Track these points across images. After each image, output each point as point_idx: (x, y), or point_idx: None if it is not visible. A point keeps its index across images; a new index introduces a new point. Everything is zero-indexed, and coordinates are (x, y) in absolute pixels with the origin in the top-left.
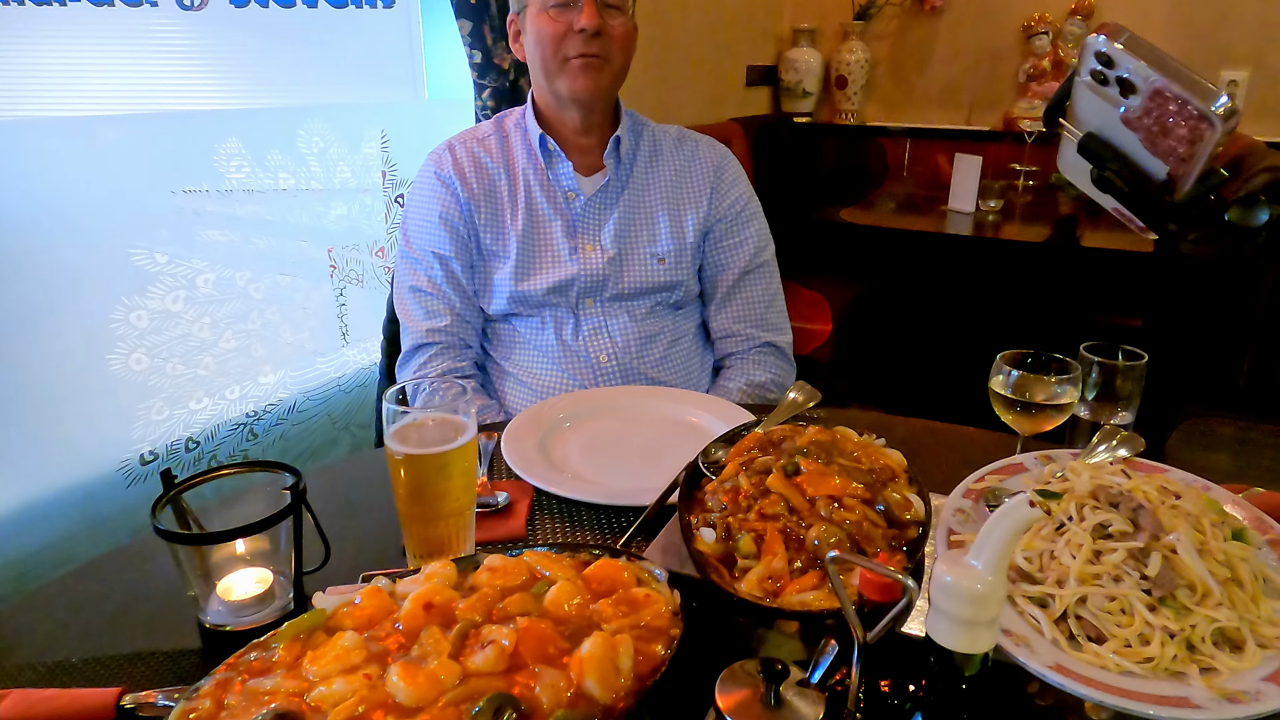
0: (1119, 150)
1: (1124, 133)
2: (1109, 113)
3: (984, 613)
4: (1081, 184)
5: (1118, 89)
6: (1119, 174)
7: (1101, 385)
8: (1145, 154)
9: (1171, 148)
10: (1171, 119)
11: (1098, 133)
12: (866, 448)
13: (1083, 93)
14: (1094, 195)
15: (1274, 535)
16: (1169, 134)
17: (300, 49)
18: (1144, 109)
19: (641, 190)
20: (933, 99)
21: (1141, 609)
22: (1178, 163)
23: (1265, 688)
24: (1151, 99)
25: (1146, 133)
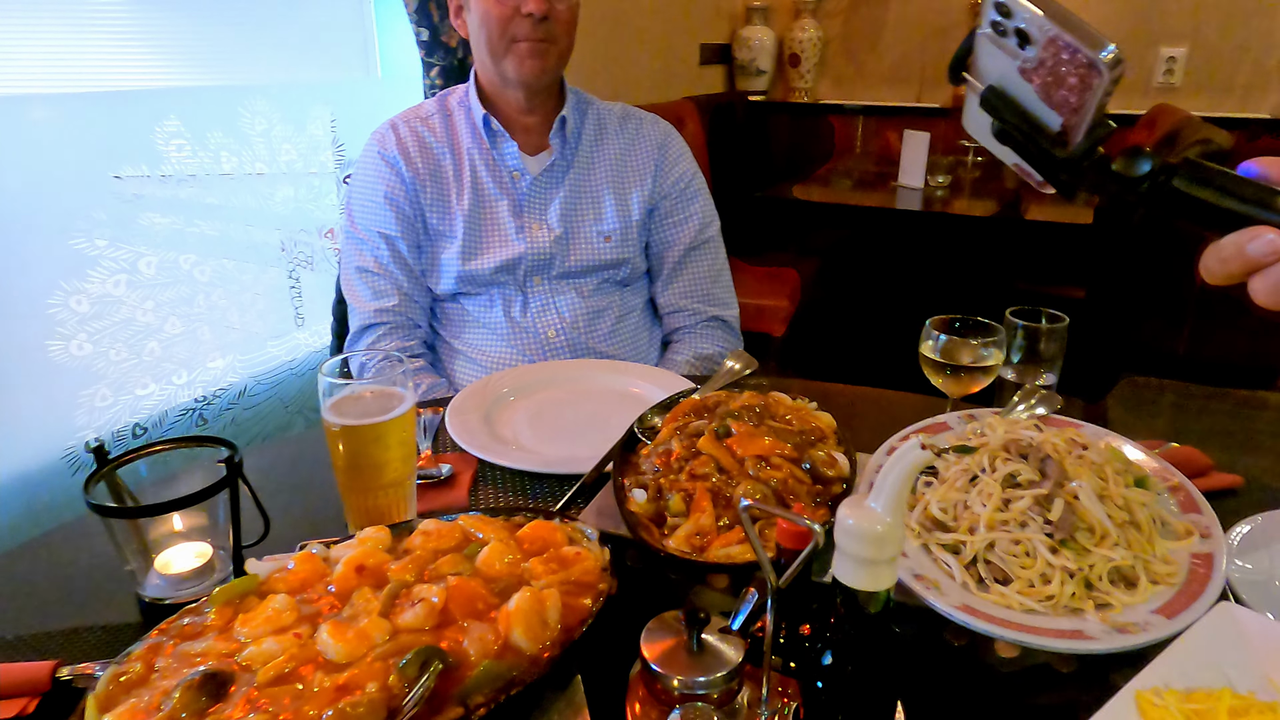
0: (1017, 103)
1: (1022, 85)
2: (1008, 65)
3: (883, 552)
4: (983, 139)
5: (1016, 40)
6: (1017, 128)
7: (1026, 348)
8: (1041, 106)
9: (1064, 98)
10: (1064, 69)
11: (999, 86)
12: (798, 411)
13: (984, 45)
14: (995, 150)
15: (1175, 483)
16: (1062, 84)
17: (245, 26)
18: (1039, 60)
19: (587, 169)
20: (884, 76)
21: (1044, 551)
22: (1070, 113)
23: (1154, 619)
24: (1046, 49)
25: (1042, 84)
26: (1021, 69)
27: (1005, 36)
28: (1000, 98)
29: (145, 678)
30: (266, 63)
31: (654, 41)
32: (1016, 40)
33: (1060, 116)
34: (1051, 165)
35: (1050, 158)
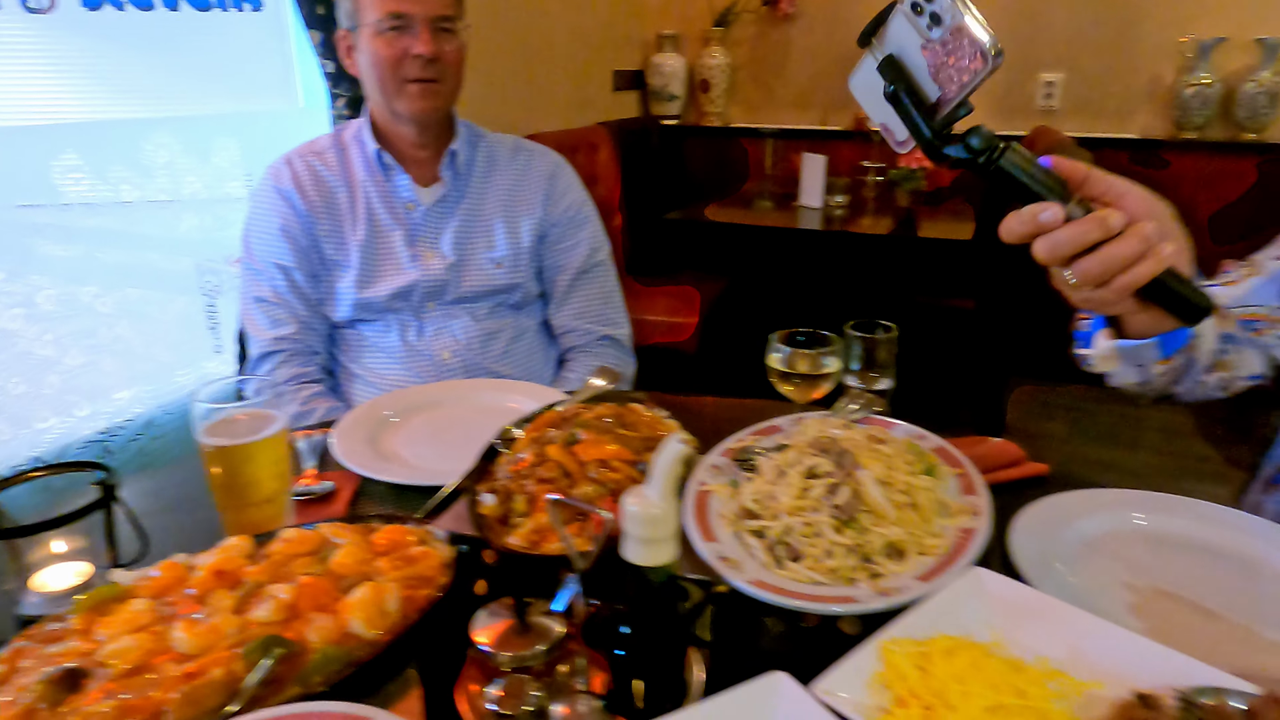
0: (909, 73)
1: (918, 58)
2: (912, 39)
3: (660, 531)
4: (863, 98)
5: (928, 20)
6: (906, 92)
7: (865, 356)
8: (927, 79)
9: (950, 75)
10: (959, 52)
11: (897, 56)
12: (650, 420)
13: (899, 20)
14: (869, 109)
15: (961, 470)
16: (952, 63)
17: (160, 55)
18: (941, 40)
19: (479, 199)
20: (791, 101)
21: (828, 531)
22: (951, 87)
23: (913, 584)
24: (951, 32)
25: (936, 61)
26: (923, 45)
27: (920, 15)
28: (896, 65)
29: (7, 677)
30: (183, 93)
31: (568, 69)
32: (929, 20)
33: (939, 90)
34: (918, 129)
35: (920, 123)
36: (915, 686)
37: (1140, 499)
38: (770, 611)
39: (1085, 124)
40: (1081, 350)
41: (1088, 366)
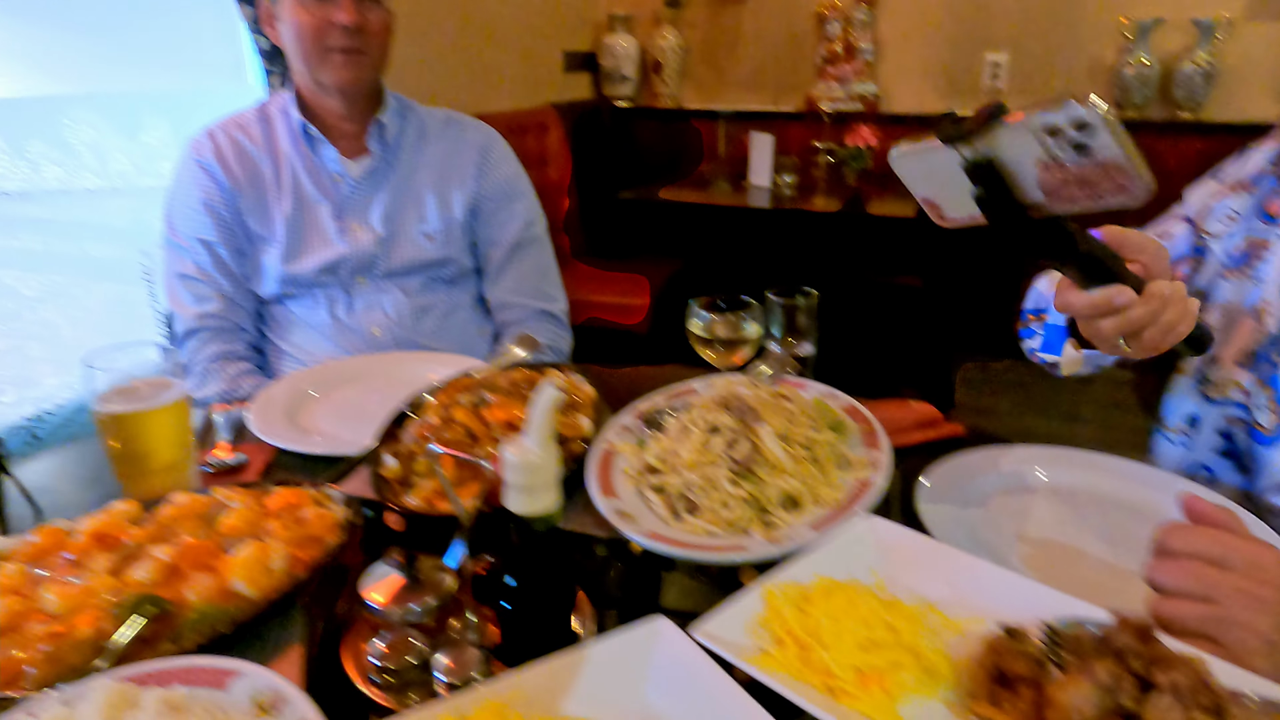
0: (1010, 178)
1: (1029, 169)
2: (1031, 153)
3: (538, 478)
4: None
5: (1070, 148)
6: (1004, 199)
7: (786, 321)
8: (1033, 186)
9: (1073, 195)
10: (1098, 181)
11: (1002, 162)
12: (564, 385)
13: (1018, 134)
14: (914, 185)
15: (867, 426)
16: (1083, 190)
17: (92, 33)
18: (1076, 165)
19: (409, 171)
20: (743, 82)
21: (725, 483)
22: (1065, 204)
23: (805, 532)
24: (1096, 165)
25: (1056, 177)
26: (1044, 162)
27: (1056, 137)
28: (997, 172)
29: None
30: (111, 71)
31: (516, 49)
32: (1069, 148)
33: (1043, 198)
34: (1013, 226)
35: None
36: (792, 626)
37: (1044, 455)
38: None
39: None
40: (1041, 354)
41: (1048, 368)
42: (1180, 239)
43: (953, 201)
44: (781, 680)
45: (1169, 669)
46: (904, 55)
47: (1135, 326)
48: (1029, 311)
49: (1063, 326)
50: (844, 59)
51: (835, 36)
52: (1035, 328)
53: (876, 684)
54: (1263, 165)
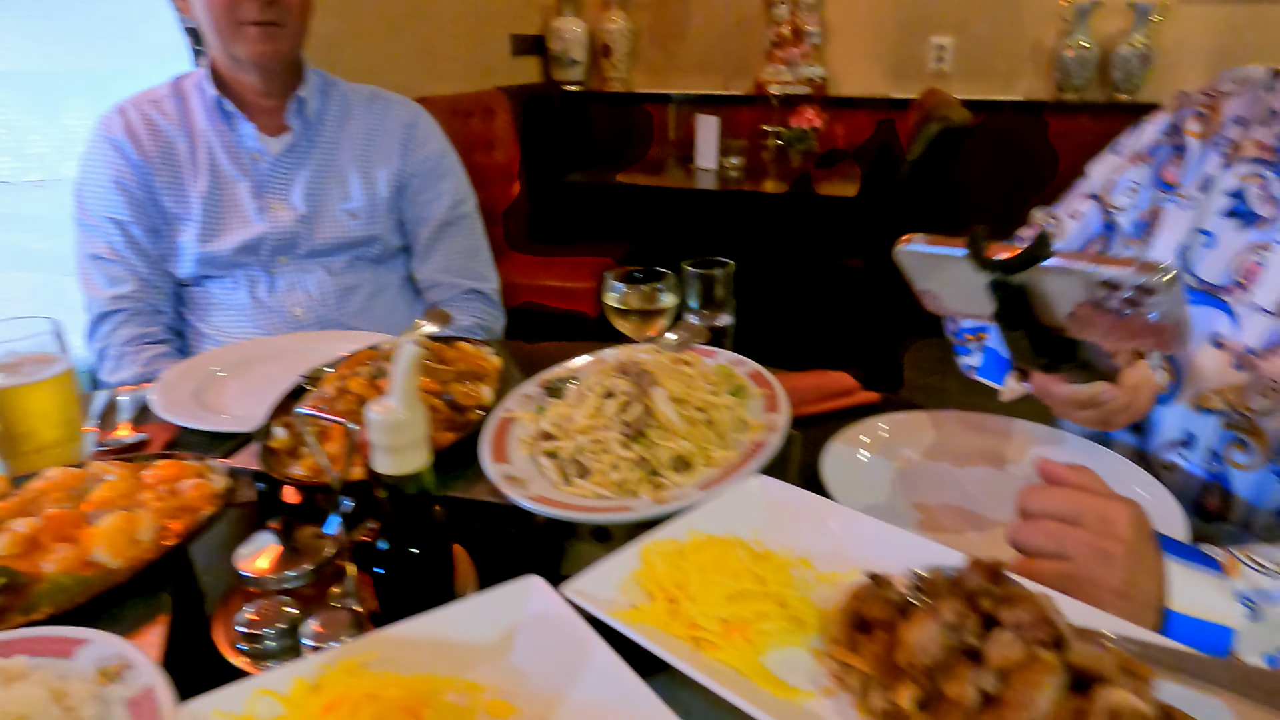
0: (1039, 302)
1: (1064, 304)
2: (1073, 293)
3: (404, 437)
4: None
5: (1122, 301)
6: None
7: (703, 293)
8: (1062, 315)
9: (1099, 332)
10: (1136, 328)
11: (1034, 290)
12: (471, 356)
13: (1068, 277)
14: (917, 278)
15: (768, 393)
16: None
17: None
18: (1118, 312)
19: (332, 148)
20: (693, 66)
21: (615, 446)
22: (1088, 333)
23: (693, 492)
24: (1145, 321)
25: (1090, 316)
26: (1083, 303)
27: (1111, 290)
28: (1024, 299)
29: None
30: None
31: (462, 32)
32: (1124, 301)
33: (1068, 324)
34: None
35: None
36: (663, 581)
37: (950, 418)
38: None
39: (974, 86)
40: (980, 377)
41: (991, 389)
42: (1091, 217)
43: (959, 301)
44: (647, 633)
45: (1014, 607)
46: (851, 39)
47: (1108, 416)
48: (967, 331)
49: (1005, 360)
50: (792, 42)
51: (783, 20)
52: (973, 348)
53: (740, 634)
54: (1157, 136)
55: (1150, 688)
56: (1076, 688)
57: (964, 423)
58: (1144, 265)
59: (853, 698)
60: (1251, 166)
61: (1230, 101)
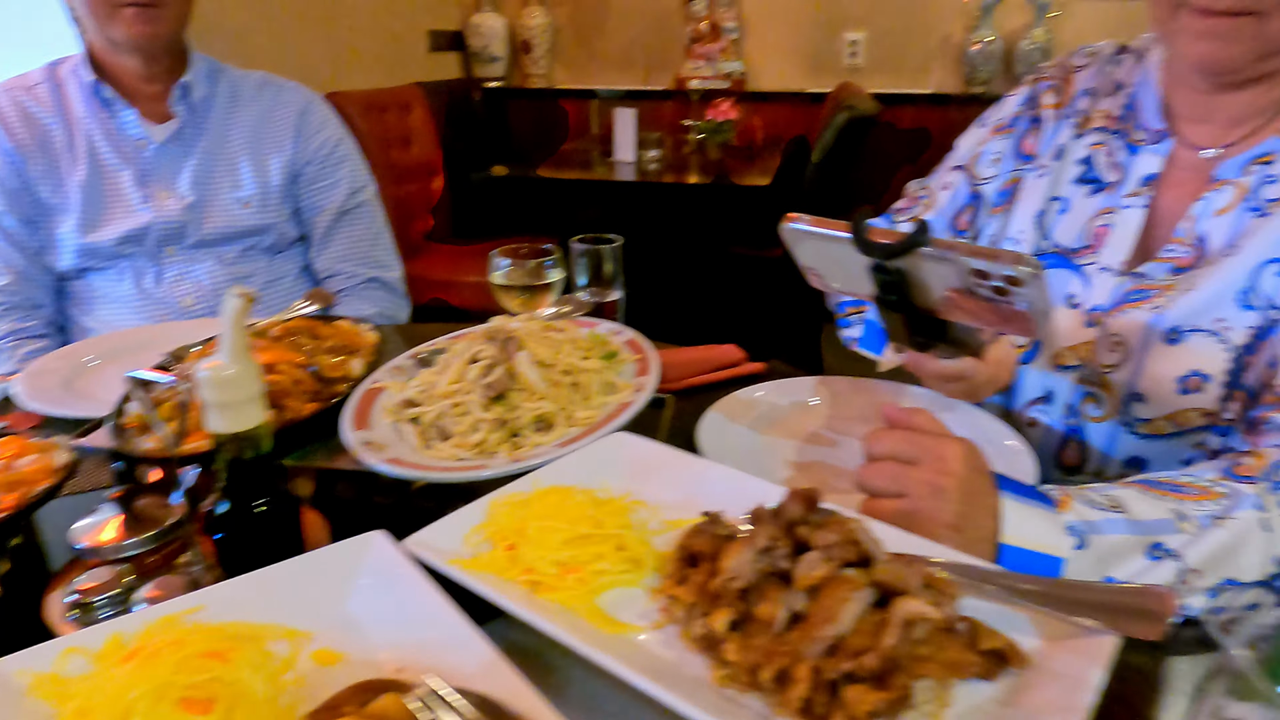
0: (915, 285)
1: (938, 289)
2: (945, 279)
3: (238, 393)
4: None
5: (990, 290)
6: (905, 308)
7: (592, 269)
8: (935, 297)
9: (968, 315)
10: (1007, 317)
11: (911, 275)
12: (347, 332)
13: (944, 264)
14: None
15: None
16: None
17: None
18: (990, 300)
19: (221, 135)
20: (614, 62)
21: (475, 409)
22: (956, 315)
23: (551, 450)
24: (1009, 308)
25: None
26: (956, 289)
27: (981, 279)
28: (904, 284)
29: None
30: None
31: (376, 28)
32: (992, 290)
33: (940, 306)
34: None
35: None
36: (504, 529)
37: (819, 382)
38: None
39: (887, 80)
40: (861, 348)
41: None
42: (960, 188)
43: (840, 279)
44: (484, 580)
45: (825, 531)
46: (768, 34)
47: (974, 389)
48: (847, 304)
49: (883, 331)
50: (710, 38)
51: (700, 16)
52: (854, 320)
53: (575, 576)
54: (1016, 109)
55: (951, 601)
56: (883, 604)
57: (846, 387)
58: (1014, 258)
59: (678, 628)
60: (1099, 135)
61: (1080, 75)
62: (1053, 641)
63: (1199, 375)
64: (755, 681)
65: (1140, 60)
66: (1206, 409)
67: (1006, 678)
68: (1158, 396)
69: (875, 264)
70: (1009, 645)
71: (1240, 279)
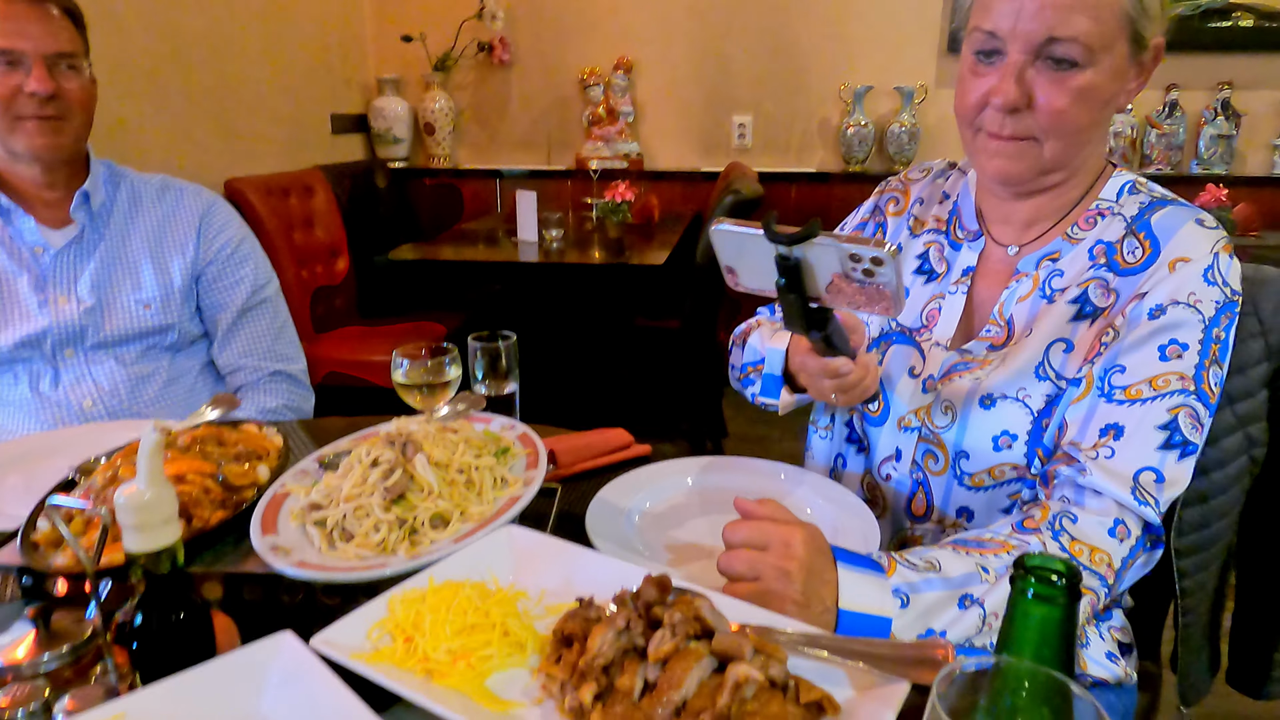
0: (807, 272)
1: (825, 275)
2: (832, 265)
3: (150, 516)
4: (725, 247)
5: (861, 272)
6: (799, 294)
7: (489, 363)
8: (819, 286)
9: (846, 299)
10: (872, 296)
11: (807, 264)
12: (253, 438)
13: (830, 251)
14: (723, 254)
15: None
16: (857, 296)
17: None
18: (860, 282)
19: (121, 240)
20: (516, 142)
21: (377, 510)
22: (840, 303)
23: (447, 546)
24: (875, 288)
25: (842, 285)
26: (839, 274)
27: (855, 262)
28: (799, 272)
29: None
30: None
31: (278, 113)
32: (861, 270)
33: (825, 293)
34: (797, 321)
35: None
36: (402, 623)
37: (697, 463)
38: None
39: (773, 160)
40: (762, 398)
41: (765, 408)
42: None
43: (752, 275)
44: (384, 670)
45: (674, 609)
46: (661, 117)
47: (848, 387)
48: (748, 364)
49: (778, 376)
50: (607, 120)
51: (598, 100)
52: (754, 377)
53: (465, 662)
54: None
55: (778, 663)
56: (721, 669)
57: (722, 465)
58: (876, 243)
59: (555, 702)
60: (931, 235)
61: (915, 186)
62: (861, 691)
63: (1008, 434)
64: None
65: (963, 174)
66: (1015, 463)
67: None
68: (978, 453)
69: (779, 254)
70: (826, 697)
71: (1036, 355)
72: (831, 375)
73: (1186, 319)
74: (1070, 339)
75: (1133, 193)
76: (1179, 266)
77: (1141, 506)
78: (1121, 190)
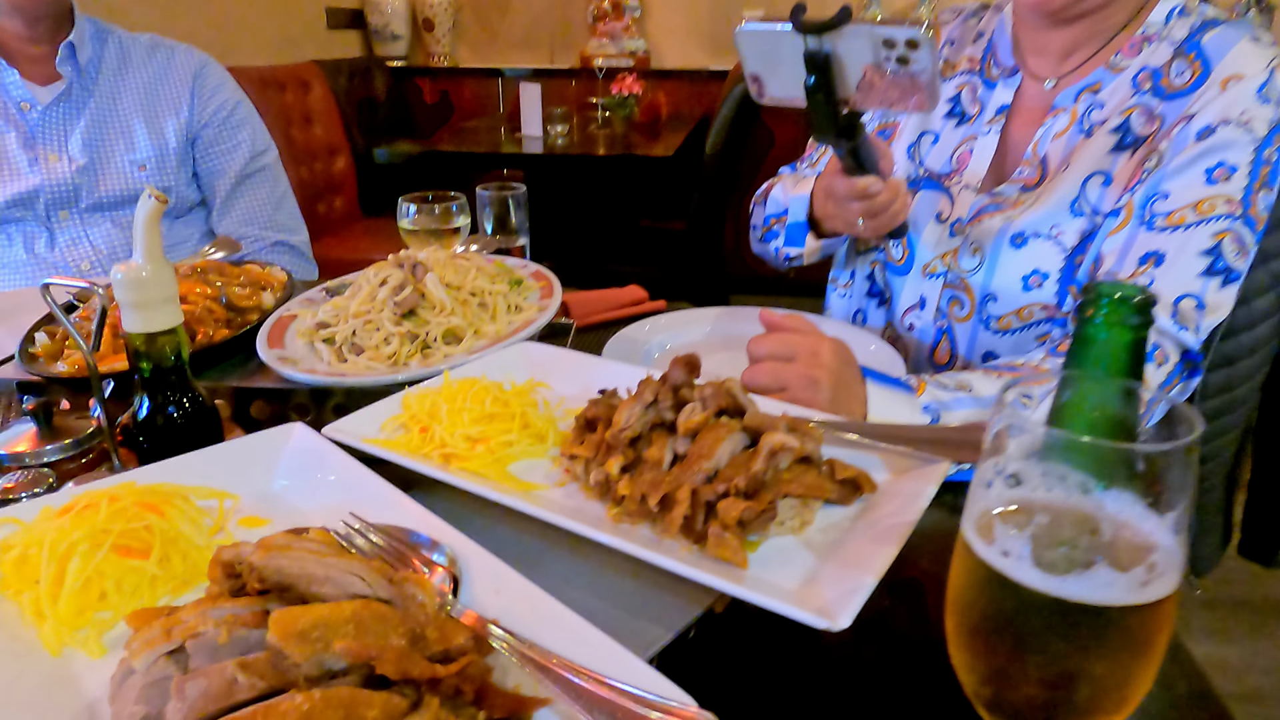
0: (837, 72)
1: (856, 69)
2: (863, 56)
3: (149, 293)
4: (750, 51)
5: (895, 60)
6: (827, 90)
7: (498, 216)
8: (850, 85)
9: (879, 96)
10: (905, 90)
11: (837, 57)
12: (259, 274)
13: (860, 38)
14: (749, 60)
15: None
16: (890, 93)
17: None
18: (894, 73)
19: (111, 97)
20: (517, 41)
21: (387, 323)
22: (872, 104)
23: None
24: (910, 77)
25: (873, 79)
26: (870, 65)
27: (889, 49)
28: (829, 66)
29: None
30: None
31: (268, 4)
32: (895, 59)
33: (856, 94)
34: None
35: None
36: (417, 414)
37: (716, 311)
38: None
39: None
40: (786, 249)
41: (789, 262)
42: None
43: (779, 82)
44: (401, 454)
45: (703, 388)
46: (669, 12)
47: (877, 210)
48: (771, 216)
49: (803, 222)
50: (612, 16)
51: None
52: (778, 229)
53: (485, 447)
54: None
55: (814, 440)
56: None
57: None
58: (911, 24)
59: (578, 483)
60: (963, 77)
61: (945, 29)
62: (898, 474)
63: (1039, 274)
64: (644, 511)
65: (998, 11)
66: (1045, 303)
67: (859, 503)
68: (1006, 294)
69: (809, 51)
70: (861, 474)
71: (1071, 191)
72: (860, 196)
73: (1236, 139)
74: (1109, 171)
75: (1182, 15)
76: (1231, 85)
77: (1180, 332)
78: (1171, 14)
